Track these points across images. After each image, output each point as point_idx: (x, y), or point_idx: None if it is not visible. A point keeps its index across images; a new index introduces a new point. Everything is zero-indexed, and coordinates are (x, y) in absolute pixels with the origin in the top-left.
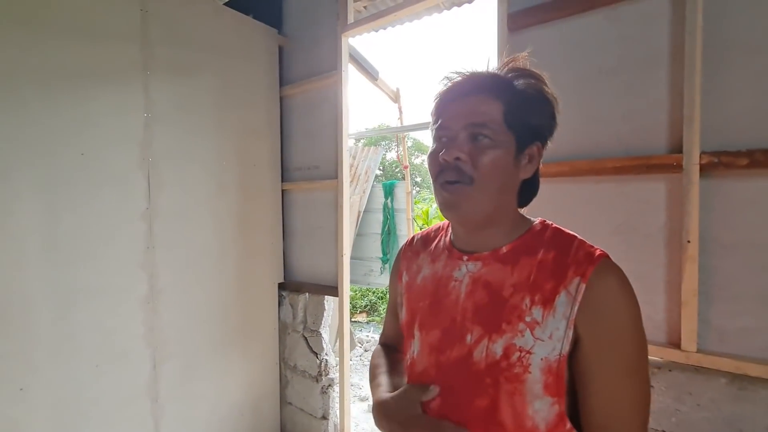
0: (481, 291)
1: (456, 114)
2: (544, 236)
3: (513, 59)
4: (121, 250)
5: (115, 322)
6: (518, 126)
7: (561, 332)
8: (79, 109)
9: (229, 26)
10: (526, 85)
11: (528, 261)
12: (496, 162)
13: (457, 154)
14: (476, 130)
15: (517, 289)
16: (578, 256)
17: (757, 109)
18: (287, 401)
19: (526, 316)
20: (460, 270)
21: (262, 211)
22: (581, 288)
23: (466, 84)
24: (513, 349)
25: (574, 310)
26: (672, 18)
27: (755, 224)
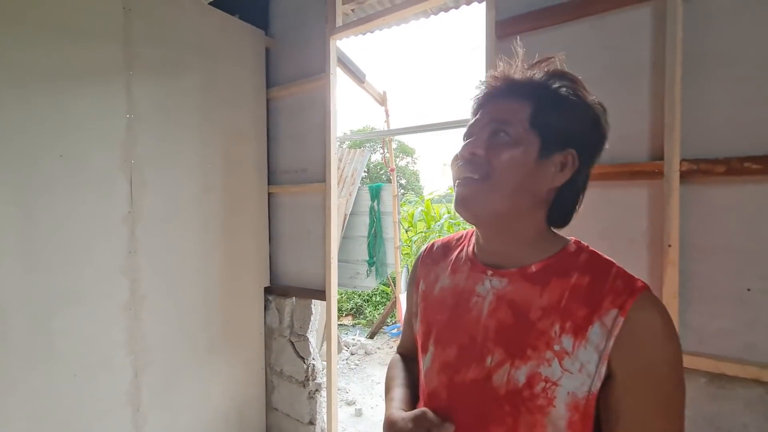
0: (505, 310)
1: (483, 115)
2: (579, 258)
3: (548, 60)
4: (101, 254)
5: (96, 329)
6: (544, 127)
7: (592, 367)
8: (58, 109)
9: (214, 26)
10: (559, 87)
11: (560, 283)
12: (513, 160)
13: (473, 150)
14: (497, 127)
15: (547, 313)
16: (617, 285)
17: (733, 119)
18: (273, 407)
19: (554, 344)
20: (483, 285)
21: (248, 214)
22: (619, 321)
23: (498, 88)
24: (538, 378)
25: (609, 344)
26: (654, 29)
27: (732, 230)
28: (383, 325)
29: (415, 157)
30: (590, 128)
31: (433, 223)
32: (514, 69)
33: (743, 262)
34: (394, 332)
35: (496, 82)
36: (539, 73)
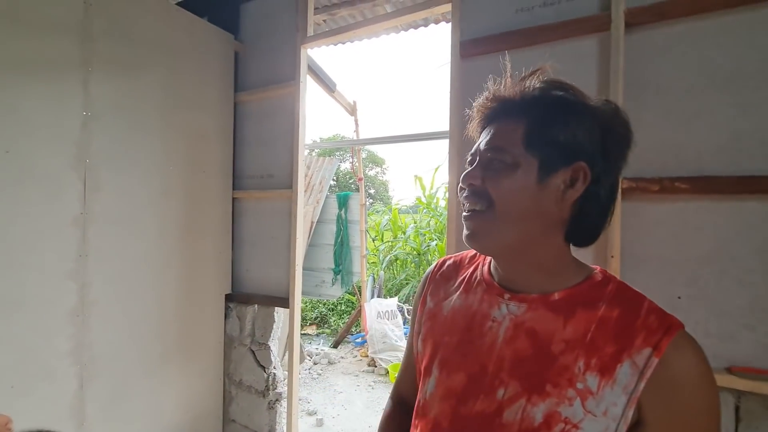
0: (524, 339)
1: (481, 141)
2: (606, 289)
3: (539, 70)
4: (47, 258)
5: (37, 337)
6: (541, 145)
7: (619, 410)
8: (5, 103)
9: (180, 27)
10: (552, 98)
11: (585, 315)
12: (511, 187)
13: (470, 180)
14: (492, 155)
15: (570, 346)
16: (649, 321)
17: (665, 142)
18: (231, 419)
19: (577, 381)
20: (499, 309)
21: (211, 219)
22: (653, 362)
23: (495, 109)
24: (557, 418)
25: (639, 386)
26: (599, 59)
27: (663, 241)
28: (347, 334)
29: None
30: (600, 134)
31: (399, 233)
32: (504, 86)
33: (673, 272)
34: (358, 341)
35: (489, 103)
36: (530, 87)
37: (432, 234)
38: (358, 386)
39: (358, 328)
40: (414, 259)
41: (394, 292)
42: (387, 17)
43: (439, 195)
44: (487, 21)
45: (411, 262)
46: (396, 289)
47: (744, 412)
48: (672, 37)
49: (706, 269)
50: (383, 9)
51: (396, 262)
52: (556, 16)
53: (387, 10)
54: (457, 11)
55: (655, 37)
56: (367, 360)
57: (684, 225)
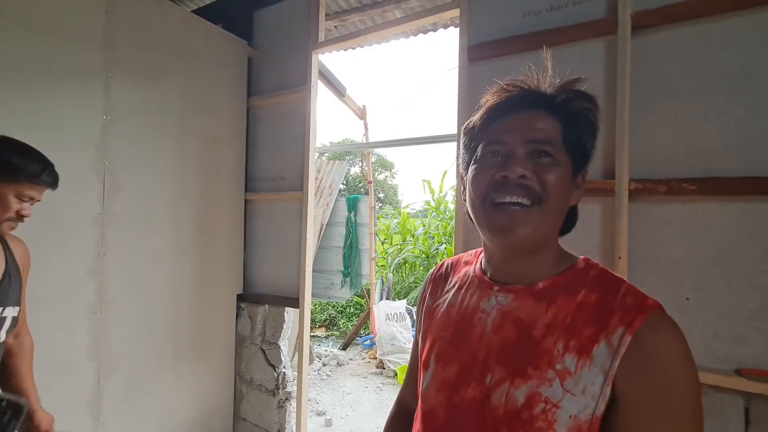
0: (509, 327)
1: (511, 128)
2: (588, 275)
3: (573, 81)
4: (68, 256)
5: (58, 332)
6: (574, 147)
7: (596, 388)
8: (31, 107)
9: (196, 34)
10: (582, 108)
11: (566, 300)
12: (561, 183)
13: (521, 171)
14: (539, 147)
15: (551, 330)
16: (626, 302)
17: (673, 144)
18: (241, 417)
19: (557, 363)
20: (488, 301)
21: (224, 220)
22: (626, 340)
23: (521, 97)
24: (537, 398)
25: (615, 364)
26: (606, 61)
27: (672, 243)
28: (356, 337)
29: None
30: (593, 149)
31: (408, 236)
32: (545, 83)
33: (682, 273)
34: (367, 343)
35: (520, 91)
36: (563, 90)
37: (441, 237)
38: (366, 388)
39: (366, 330)
40: (423, 262)
41: (402, 294)
42: (396, 22)
43: (447, 198)
44: (495, 25)
45: (420, 264)
46: (405, 292)
47: (754, 415)
48: (679, 39)
49: (715, 271)
50: (393, 15)
51: (405, 264)
52: (563, 19)
53: (396, 16)
54: (465, 16)
55: (662, 40)
56: (376, 362)
57: (692, 226)
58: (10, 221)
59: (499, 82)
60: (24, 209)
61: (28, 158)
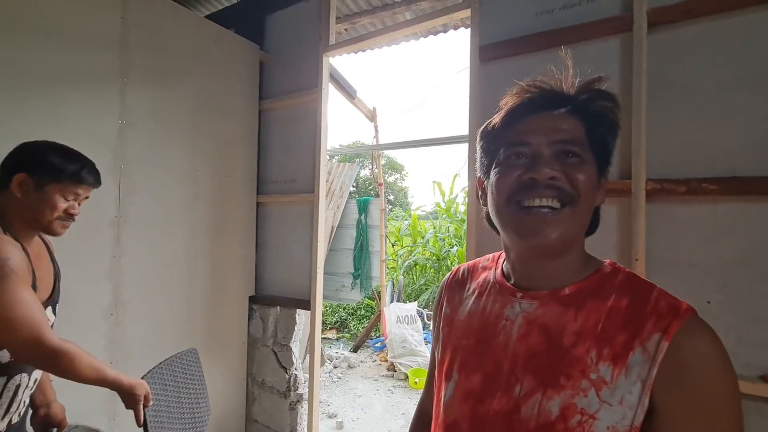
0: (536, 335)
1: (535, 129)
2: (616, 280)
3: (595, 80)
4: (86, 258)
5: (76, 333)
6: (598, 147)
7: (634, 398)
8: (50, 112)
9: (209, 38)
10: (605, 108)
11: (595, 306)
12: (590, 182)
13: (551, 173)
14: (565, 147)
15: (581, 338)
16: (659, 307)
17: (692, 144)
18: (253, 418)
19: (591, 372)
20: (512, 308)
21: (236, 222)
22: (663, 347)
23: (544, 98)
24: (573, 410)
25: (652, 372)
26: (622, 60)
27: (692, 244)
28: (367, 339)
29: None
30: (615, 146)
31: (419, 238)
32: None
33: (703, 276)
34: (377, 346)
35: (541, 92)
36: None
37: (451, 239)
38: (377, 390)
39: (377, 332)
40: (433, 264)
41: (413, 297)
42: (407, 24)
43: (458, 200)
44: (507, 25)
45: (430, 267)
46: (415, 294)
47: None
48: (698, 36)
49: (738, 273)
50: (403, 16)
51: (415, 267)
52: (576, 18)
53: (407, 18)
54: (476, 16)
55: (679, 36)
56: (387, 364)
57: (714, 227)
58: (61, 220)
59: (519, 82)
60: (72, 208)
61: (68, 159)
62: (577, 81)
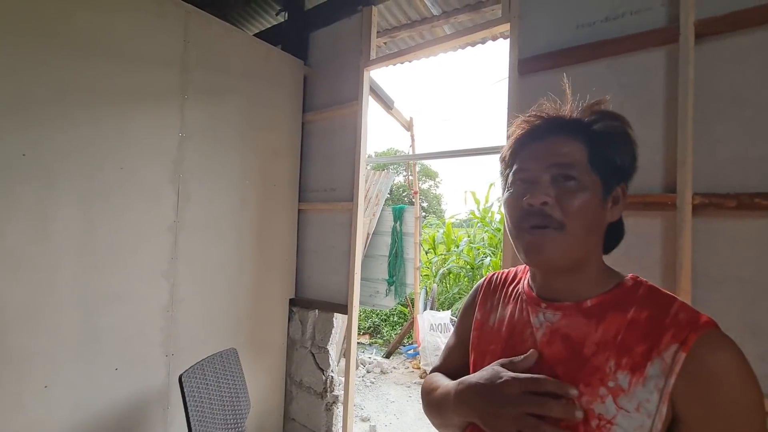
0: (558, 344)
1: (536, 155)
2: (638, 293)
3: (596, 103)
4: (147, 259)
5: (136, 327)
6: (604, 167)
7: (652, 406)
8: (121, 127)
9: (259, 56)
10: (609, 127)
11: (616, 318)
12: (585, 206)
13: (543, 199)
14: (562, 172)
15: (602, 348)
16: (678, 319)
17: (743, 157)
18: (291, 417)
19: (609, 380)
20: (537, 317)
21: (279, 228)
22: (680, 357)
23: (545, 125)
24: (591, 415)
25: (669, 382)
26: (667, 71)
27: (742, 261)
28: (400, 345)
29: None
30: (632, 162)
31: (452, 247)
32: (567, 108)
33: (754, 294)
34: (410, 353)
35: (544, 120)
36: (588, 113)
37: (485, 249)
38: (410, 397)
39: (410, 339)
40: (467, 273)
41: (446, 305)
42: (447, 39)
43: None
44: (546, 38)
45: (464, 276)
46: (449, 303)
47: None
48: (750, 46)
49: None
50: (442, 30)
51: (449, 275)
52: (619, 30)
53: (445, 31)
54: (516, 30)
55: (729, 47)
56: (419, 372)
57: (766, 244)
58: None
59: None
60: None
61: None
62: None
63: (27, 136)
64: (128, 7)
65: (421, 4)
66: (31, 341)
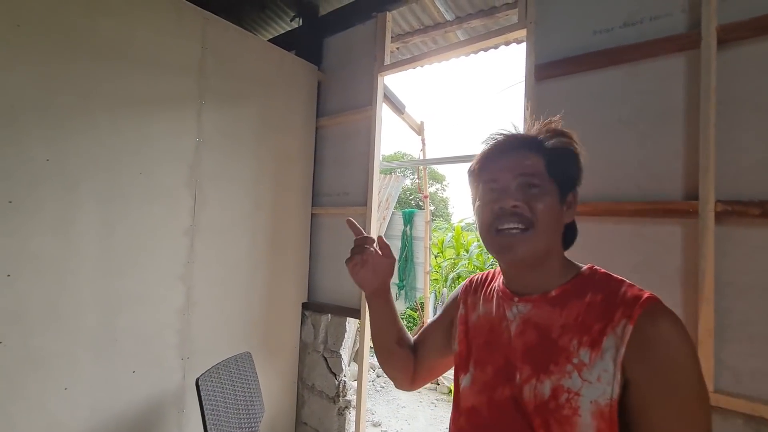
0: (530, 332)
1: (504, 167)
2: (594, 280)
3: (549, 122)
4: (164, 262)
5: (153, 330)
6: (559, 176)
7: (609, 375)
8: (140, 132)
9: (274, 62)
10: (561, 143)
11: (577, 303)
12: (548, 207)
13: (514, 203)
14: (527, 180)
15: (566, 330)
16: (626, 298)
17: (767, 164)
18: (302, 421)
19: (573, 357)
20: (511, 311)
21: (293, 232)
22: (628, 329)
23: (508, 142)
24: (561, 390)
25: (621, 351)
26: (688, 77)
27: (767, 270)
28: None
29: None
30: (580, 172)
31: (462, 251)
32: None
33: None
34: None
35: (506, 137)
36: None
37: None
38: (420, 402)
39: None
40: None
41: None
42: (461, 45)
43: None
44: (563, 44)
45: None
46: None
47: None
48: None
49: None
50: (455, 35)
51: (459, 279)
52: (638, 36)
53: (459, 37)
54: (532, 36)
55: (753, 53)
56: None
57: None
58: None
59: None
60: None
61: None
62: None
63: (51, 142)
64: (149, 15)
65: (434, 10)
66: (53, 343)
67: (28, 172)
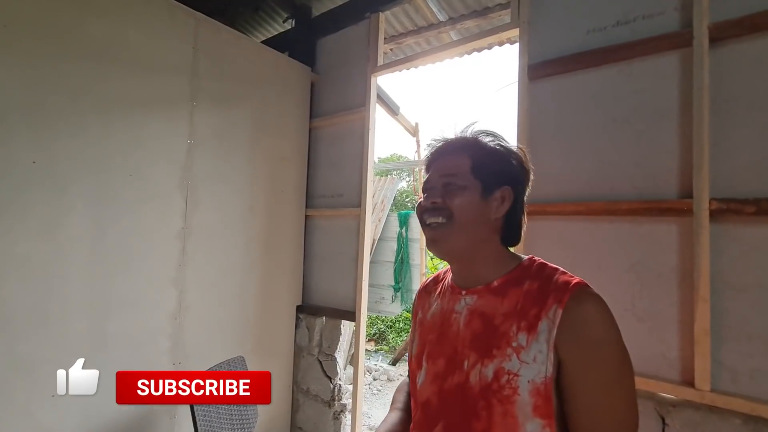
0: (476, 321)
1: (435, 170)
2: (531, 269)
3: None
4: (156, 266)
5: (144, 335)
6: (483, 173)
7: (544, 355)
8: (131, 134)
9: (267, 63)
10: (488, 142)
11: (516, 292)
12: (465, 202)
13: (432, 200)
14: (447, 180)
15: (507, 317)
16: (558, 284)
17: (761, 162)
18: (297, 426)
19: (513, 341)
20: (459, 303)
21: (286, 234)
22: (558, 313)
23: (443, 147)
24: (502, 372)
25: (553, 333)
26: (681, 75)
27: (763, 268)
28: (406, 352)
29: None
30: (518, 168)
31: None
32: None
33: None
34: None
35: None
36: (470, 133)
37: None
38: None
39: None
40: None
41: None
42: (453, 45)
43: None
44: (556, 43)
45: None
46: None
47: None
48: (766, 50)
49: None
50: (448, 36)
51: None
52: (631, 34)
53: (452, 37)
54: (525, 35)
55: (745, 51)
56: None
57: None
58: None
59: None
60: None
61: None
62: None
63: (38, 143)
64: (141, 16)
65: (427, 11)
66: (41, 349)
67: (13, 173)
